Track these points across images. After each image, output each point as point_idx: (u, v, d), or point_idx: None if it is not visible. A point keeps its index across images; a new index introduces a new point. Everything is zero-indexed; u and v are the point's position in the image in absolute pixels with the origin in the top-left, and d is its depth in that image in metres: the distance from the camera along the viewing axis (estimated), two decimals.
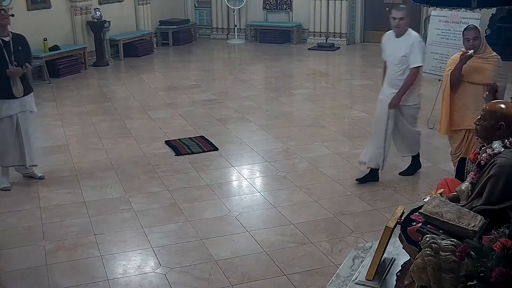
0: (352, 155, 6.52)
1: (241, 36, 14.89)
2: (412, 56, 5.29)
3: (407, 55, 5.29)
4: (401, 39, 5.36)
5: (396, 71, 5.41)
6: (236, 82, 10.46)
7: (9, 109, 5.56)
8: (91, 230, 4.85)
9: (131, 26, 13.22)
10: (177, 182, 5.83)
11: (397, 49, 5.37)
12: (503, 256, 2.30)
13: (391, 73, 5.49)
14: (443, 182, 3.86)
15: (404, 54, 5.30)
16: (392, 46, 5.45)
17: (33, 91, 5.82)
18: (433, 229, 2.86)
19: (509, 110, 3.19)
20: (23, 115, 5.68)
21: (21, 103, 5.62)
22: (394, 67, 5.42)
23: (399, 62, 5.37)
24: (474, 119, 3.39)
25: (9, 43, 5.45)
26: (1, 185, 5.71)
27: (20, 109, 5.63)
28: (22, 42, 5.64)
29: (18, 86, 5.51)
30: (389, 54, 5.49)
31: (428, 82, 8.75)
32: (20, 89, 5.54)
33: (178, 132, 7.42)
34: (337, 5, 13.66)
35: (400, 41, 5.36)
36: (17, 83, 5.50)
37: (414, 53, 5.28)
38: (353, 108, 8.50)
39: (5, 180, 5.76)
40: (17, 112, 5.61)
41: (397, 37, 5.40)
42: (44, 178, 5.94)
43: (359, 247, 4.24)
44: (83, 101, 9.12)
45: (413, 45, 5.28)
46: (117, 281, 4.12)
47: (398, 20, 5.28)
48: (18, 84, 5.51)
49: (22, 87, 5.55)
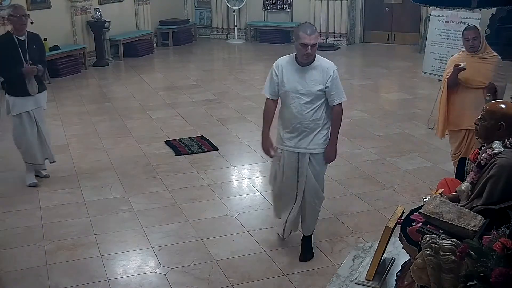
0: (352, 155, 6.52)
1: (241, 36, 14.89)
2: (336, 91, 4.10)
3: (328, 89, 4.07)
4: (311, 68, 4.08)
5: (305, 111, 4.07)
6: (236, 82, 10.47)
7: (25, 106, 5.62)
8: (91, 230, 4.85)
9: (131, 26, 13.22)
10: (177, 182, 5.83)
11: (308, 82, 4.06)
12: (503, 256, 2.30)
13: (294, 114, 4.09)
14: (443, 182, 3.87)
15: (321, 88, 4.05)
16: (297, 78, 4.07)
17: (46, 89, 5.87)
18: (433, 229, 2.86)
19: (509, 110, 3.20)
20: (38, 112, 5.75)
21: (35, 100, 5.68)
22: (301, 106, 4.06)
23: (313, 98, 4.06)
24: (473, 119, 3.39)
25: (24, 42, 5.50)
26: (28, 181, 5.75)
27: (35, 106, 5.69)
28: (37, 41, 5.69)
29: (33, 84, 5.57)
30: (292, 88, 4.07)
31: (428, 82, 8.77)
32: (35, 87, 5.60)
33: (178, 132, 7.42)
34: (337, 5, 13.66)
35: (310, 71, 4.07)
36: (31, 81, 5.55)
37: (337, 86, 4.12)
38: (353, 108, 8.50)
39: (32, 176, 5.81)
40: (33, 109, 5.67)
41: (303, 65, 4.08)
42: (49, 177, 5.96)
43: (359, 247, 4.25)
44: (83, 101, 9.12)
45: (334, 76, 4.11)
46: (117, 281, 4.12)
47: (311, 47, 3.97)
48: (33, 83, 5.56)
49: (36, 85, 5.61)
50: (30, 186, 5.72)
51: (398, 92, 9.69)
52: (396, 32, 13.86)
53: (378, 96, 9.53)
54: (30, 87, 5.56)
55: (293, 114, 4.08)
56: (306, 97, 4.05)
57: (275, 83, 4.12)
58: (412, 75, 10.66)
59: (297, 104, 4.06)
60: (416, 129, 7.44)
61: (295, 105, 4.06)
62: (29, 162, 5.78)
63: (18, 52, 5.44)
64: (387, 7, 13.77)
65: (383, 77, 10.89)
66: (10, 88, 5.59)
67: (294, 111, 4.07)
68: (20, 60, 5.44)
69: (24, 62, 5.45)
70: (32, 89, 5.58)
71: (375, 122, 7.79)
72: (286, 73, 4.08)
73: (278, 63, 4.15)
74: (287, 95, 4.08)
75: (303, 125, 4.08)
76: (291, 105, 4.07)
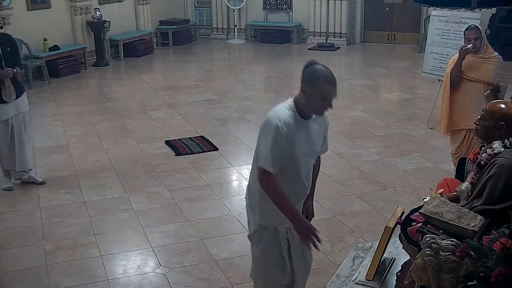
0: (352, 155, 6.52)
1: (241, 36, 14.88)
2: (327, 139, 3.28)
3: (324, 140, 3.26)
4: (313, 120, 3.06)
5: (311, 176, 3.19)
6: (236, 82, 10.47)
7: (4, 114, 5.41)
8: (91, 230, 4.85)
9: (131, 26, 13.22)
10: (177, 182, 5.83)
11: (314, 139, 3.10)
12: (503, 256, 2.29)
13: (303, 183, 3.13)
14: (443, 182, 3.86)
15: (321, 143, 3.22)
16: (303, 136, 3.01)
17: (25, 91, 5.67)
18: (433, 229, 2.86)
19: (509, 110, 3.19)
20: (16, 119, 5.52)
21: (15, 106, 5.46)
22: (308, 171, 3.14)
23: (316, 154, 3.22)
24: (474, 119, 3.39)
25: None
26: (3, 185, 5.71)
27: (15, 112, 5.48)
28: (10, 42, 5.43)
29: (10, 90, 5.32)
30: (302, 151, 3.01)
31: (428, 82, 8.78)
32: (12, 93, 5.34)
33: (178, 132, 7.42)
34: (337, 5, 13.66)
35: (312, 124, 3.07)
36: (8, 87, 5.30)
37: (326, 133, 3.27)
38: (353, 108, 8.50)
39: (8, 180, 5.75)
40: (13, 116, 5.47)
41: (307, 119, 3.02)
42: (45, 183, 5.80)
43: (359, 247, 4.24)
44: (83, 101, 9.11)
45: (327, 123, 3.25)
46: (117, 281, 4.12)
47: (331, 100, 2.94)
48: (9, 88, 5.31)
49: (14, 90, 5.36)
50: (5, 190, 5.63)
51: (398, 92, 9.69)
52: (396, 32, 13.86)
53: (378, 96, 9.53)
54: (8, 94, 5.28)
55: (303, 184, 3.11)
56: (312, 159, 3.15)
57: (282, 149, 2.91)
58: (412, 75, 10.66)
59: (306, 170, 3.09)
60: (416, 129, 7.44)
61: (305, 171, 3.08)
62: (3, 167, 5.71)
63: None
64: (387, 7, 13.77)
65: (383, 77, 10.89)
66: None
67: (304, 180, 3.10)
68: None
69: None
70: (9, 96, 5.31)
71: (375, 122, 7.79)
72: (295, 132, 2.96)
73: (284, 120, 2.90)
74: (295, 161, 3.01)
75: (307, 192, 3.22)
76: (301, 172, 3.06)
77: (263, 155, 2.93)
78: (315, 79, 2.91)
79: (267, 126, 2.95)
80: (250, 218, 3.26)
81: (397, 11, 13.67)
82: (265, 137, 2.95)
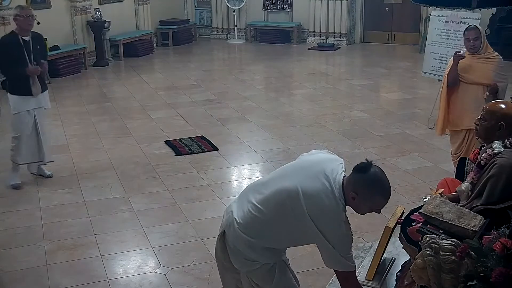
0: (352, 155, 6.51)
1: (241, 36, 14.88)
2: None
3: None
4: None
5: None
6: (236, 82, 10.46)
7: (26, 105, 5.63)
8: (91, 230, 4.85)
9: (131, 26, 13.22)
10: (177, 182, 5.83)
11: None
12: (503, 256, 2.29)
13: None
14: (443, 182, 3.86)
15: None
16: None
17: (48, 89, 5.90)
18: (433, 229, 2.86)
19: (509, 110, 3.19)
20: (39, 112, 5.76)
21: (37, 100, 5.69)
22: None
23: None
24: (474, 119, 3.39)
25: (29, 43, 5.52)
26: (11, 181, 5.74)
27: (36, 106, 5.70)
28: (40, 41, 5.74)
29: (37, 85, 5.59)
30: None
31: (428, 82, 8.78)
32: (38, 88, 5.62)
33: (178, 132, 7.42)
34: (337, 5, 13.66)
35: None
36: (35, 82, 5.57)
37: None
38: (353, 108, 8.50)
39: (16, 177, 5.78)
40: (34, 108, 5.68)
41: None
42: (52, 176, 5.96)
43: (359, 247, 4.24)
44: (83, 101, 9.11)
45: None
46: (117, 281, 4.12)
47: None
48: (36, 83, 5.58)
49: (40, 86, 5.63)
50: (13, 188, 5.68)
51: (398, 92, 9.69)
52: (396, 32, 13.86)
53: (378, 96, 9.52)
54: (34, 88, 5.57)
55: None
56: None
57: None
58: (412, 75, 10.66)
59: None
60: (416, 129, 7.44)
61: None
62: (16, 162, 5.75)
63: (23, 52, 5.45)
64: (387, 7, 13.77)
65: (383, 77, 10.89)
66: (13, 87, 5.60)
67: None
68: (24, 61, 5.46)
69: (28, 63, 5.46)
70: (36, 90, 5.60)
71: (375, 122, 7.79)
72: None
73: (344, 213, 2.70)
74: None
75: None
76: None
77: (341, 258, 2.67)
78: (372, 194, 2.66)
79: (333, 215, 2.61)
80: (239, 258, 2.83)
81: (397, 11, 13.67)
82: (332, 230, 2.63)
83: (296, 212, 2.63)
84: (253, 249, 2.77)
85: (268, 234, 2.74)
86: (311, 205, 2.61)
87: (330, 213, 2.61)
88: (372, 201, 2.67)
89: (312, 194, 2.62)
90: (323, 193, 2.63)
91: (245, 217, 2.77)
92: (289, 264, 3.02)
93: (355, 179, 2.65)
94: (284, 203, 2.67)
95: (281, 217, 2.69)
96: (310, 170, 2.73)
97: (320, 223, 2.61)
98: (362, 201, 2.66)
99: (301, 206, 2.61)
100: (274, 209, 2.70)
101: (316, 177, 2.68)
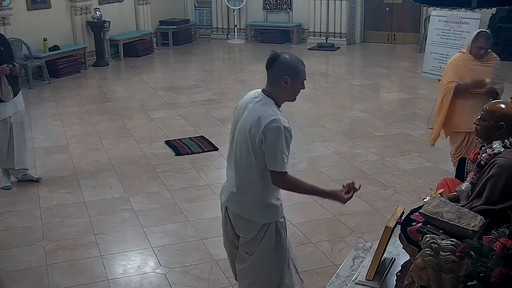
0: (352, 155, 6.52)
1: (241, 36, 14.88)
2: None
3: None
4: None
5: None
6: (236, 82, 10.47)
7: (3, 113, 5.45)
8: (91, 230, 4.85)
9: (131, 26, 13.22)
10: (177, 182, 5.83)
11: None
12: (503, 256, 2.30)
13: None
14: (443, 182, 3.86)
15: None
16: None
17: (20, 90, 5.68)
18: (433, 229, 2.86)
19: (509, 110, 3.19)
20: (15, 117, 5.57)
21: (13, 104, 5.51)
22: None
23: None
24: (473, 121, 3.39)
25: None
26: (2, 184, 5.71)
27: (13, 111, 5.53)
28: (2, 41, 5.43)
29: (7, 89, 5.35)
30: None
31: (428, 82, 8.78)
32: (9, 92, 5.38)
33: (178, 132, 7.42)
34: (337, 5, 13.66)
35: None
36: (5, 85, 5.33)
37: None
38: (353, 108, 8.50)
39: (6, 179, 5.76)
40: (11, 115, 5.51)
41: None
42: (41, 179, 5.86)
43: (359, 247, 4.24)
44: (83, 101, 9.11)
45: None
46: (117, 281, 4.12)
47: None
48: (6, 87, 5.33)
49: (11, 88, 5.39)
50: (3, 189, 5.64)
51: (398, 92, 9.69)
52: (396, 32, 13.86)
53: (378, 96, 9.53)
54: (4, 92, 5.30)
55: None
56: None
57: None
58: (412, 75, 10.66)
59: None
60: (416, 129, 7.44)
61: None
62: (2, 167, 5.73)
63: None
64: (387, 7, 13.77)
65: (383, 77, 10.89)
66: None
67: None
68: None
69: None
70: (7, 95, 5.35)
71: (375, 122, 7.79)
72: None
73: (286, 121, 2.95)
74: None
75: None
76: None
77: (279, 159, 2.92)
78: (296, 68, 3.01)
79: (276, 130, 2.89)
80: (245, 226, 3.15)
81: (397, 11, 13.67)
82: (274, 141, 2.90)
83: (256, 145, 2.96)
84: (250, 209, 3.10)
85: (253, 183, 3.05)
86: (262, 129, 2.91)
87: (273, 128, 2.89)
88: (299, 73, 2.99)
89: (259, 123, 2.91)
90: (260, 112, 2.94)
91: (234, 185, 3.13)
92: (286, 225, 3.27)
93: (276, 68, 2.96)
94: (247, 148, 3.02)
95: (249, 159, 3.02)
96: (250, 116, 3.02)
97: (264, 137, 2.91)
98: (293, 79, 2.97)
99: (257, 135, 2.93)
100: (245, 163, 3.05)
101: (254, 115, 2.98)
